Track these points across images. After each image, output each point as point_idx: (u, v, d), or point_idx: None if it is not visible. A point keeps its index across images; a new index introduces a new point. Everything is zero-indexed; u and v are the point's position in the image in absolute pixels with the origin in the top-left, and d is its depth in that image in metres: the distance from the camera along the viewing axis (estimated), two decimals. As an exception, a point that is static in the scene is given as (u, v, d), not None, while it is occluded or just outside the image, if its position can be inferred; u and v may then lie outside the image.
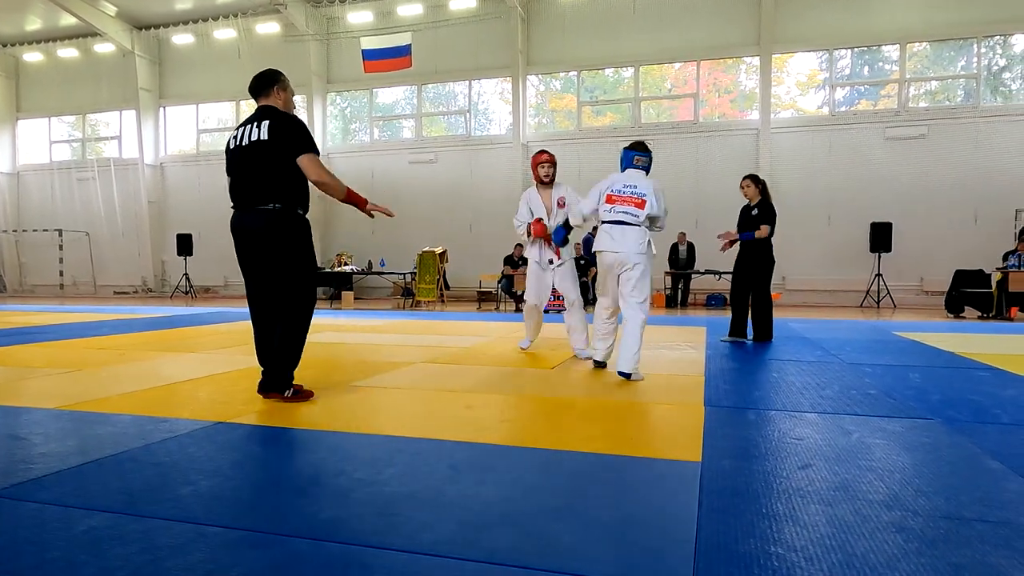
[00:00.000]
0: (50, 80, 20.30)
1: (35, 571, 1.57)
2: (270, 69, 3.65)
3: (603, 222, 4.38)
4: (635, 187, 4.32)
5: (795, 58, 15.35)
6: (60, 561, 1.62)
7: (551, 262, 5.35)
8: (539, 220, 5.25)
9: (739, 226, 6.51)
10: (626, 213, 4.27)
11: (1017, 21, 13.47)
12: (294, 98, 3.76)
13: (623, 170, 4.49)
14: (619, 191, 4.35)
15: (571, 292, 5.32)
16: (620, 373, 4.18)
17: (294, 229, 3.49)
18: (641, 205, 4.26)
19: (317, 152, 3.50)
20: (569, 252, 5.39)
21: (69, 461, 2.46)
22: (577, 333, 5.33)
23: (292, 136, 3.43)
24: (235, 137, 3.54)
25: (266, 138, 3.41)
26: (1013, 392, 3.91)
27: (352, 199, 3.68)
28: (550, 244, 5.29)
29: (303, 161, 3.44)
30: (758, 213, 6.31)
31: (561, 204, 5.29)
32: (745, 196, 6.48)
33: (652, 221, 4.42)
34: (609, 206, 4.34)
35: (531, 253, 5.46)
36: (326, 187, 3.55)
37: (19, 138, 21.21)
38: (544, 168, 5.31)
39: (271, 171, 3.43)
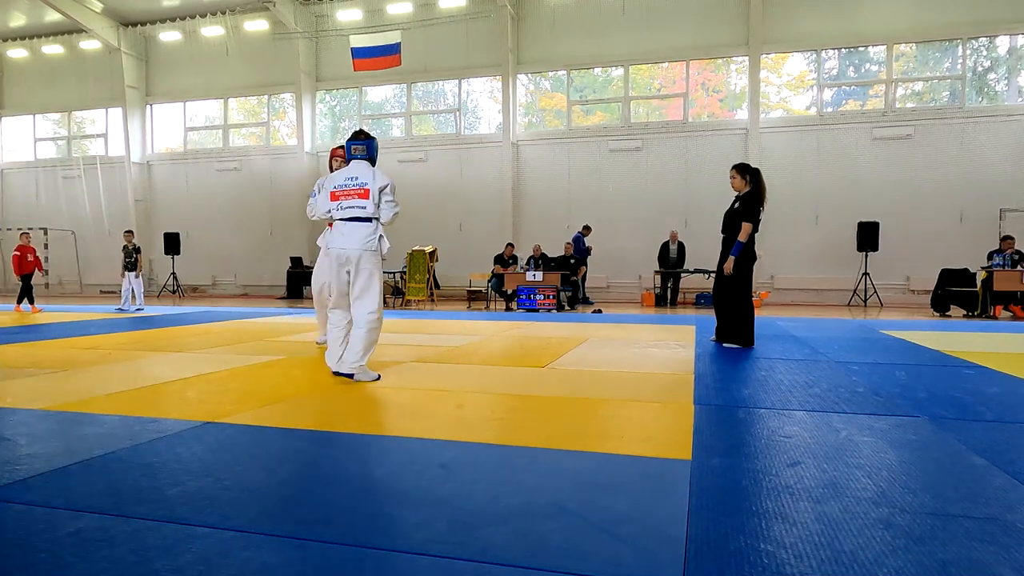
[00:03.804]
0: (35, 77, 20.08)
1: (22, 573, 1.55)
2: None
3: (336, 219, 4.24)
4: (355, 178, 4.21)
5: (784, 59, 15.45)
6: (47, 563, 1.60)
7: None
8: None
9: (723, 221, 6.01)
10: (353, 207, 4.16)
11: (1001, 23, 13.63)
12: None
13: (348, 162, 4.37)
14: (341, 186, 4.22)
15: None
16: (337, 374, 4.12)
17: None
18: (365, 195, 4.15)
19: None
20: None
21: (55, 462, 2.44)
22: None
23: None
24: None
25: None
26: (997, 389, 3.95)
27: None
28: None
29: None
30: (738, 207, 5.82)
31: None
32: (733, 188, 5.98)
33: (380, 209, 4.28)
34: (336, 203, 4.22)
35: (322, 241, 5.52)
36: None
37: (2, 136, 20.97)
38: (337, 162, 5.40)
39: None
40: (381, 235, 4.19)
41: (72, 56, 19.56)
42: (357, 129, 4.45)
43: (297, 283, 16.56)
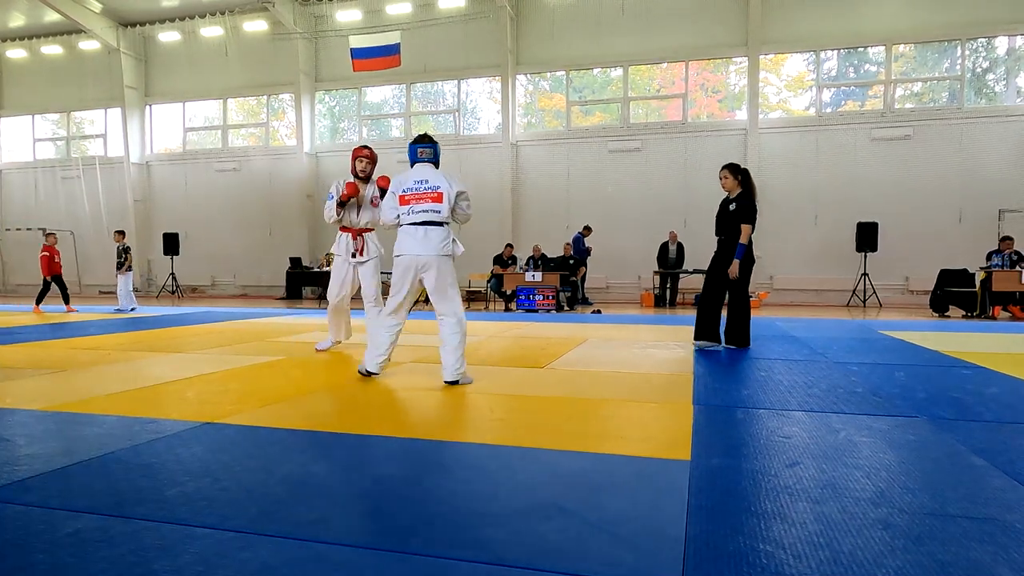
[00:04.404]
0: (34, 77, 20.07)
1: (21, 573, 1.55)
2: None
3: (407, 224, 4.09)
4: (426, 181, 4.05)
5: (783, 59, 15.46)
6: (46, 564, 1.60)
7: (354, 255, 5.31)
8: (351, 183, 5.18)
9: (717, 223, 5.93)
10: (426, 211, 4.00)
11: (1000, 23, 13.65)
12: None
13: (412, 166, 4.21)
14: (410, 189, 4.06)
15: (371, 289, 5.30)
16: (448, 383, 3.98)
17: None
18: (439, 199, 4.00)
19: None
20: (375, 250, 5.37)
21: (54, 463, 2.44)
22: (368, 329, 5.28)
23: None
24: None
25: None
26: (996, 390, 3.95)
27: None
28: (357, 236, 5.30)
29: None
30: (735, 209, 5.72)
31: (375, 203, 5.26)
32: (724, 189, 5.89)
33: (455, 211, 4.13)
34: (406, 207, 4.05)
35: (337, 248, 5.42)
36: None
37: (2, 136, 20.96)
38: (361, 163, 5.24)
39: None
40: (454, 238, 4.10)
41: (71, 56, 19.55)
42: (421, 133, 4.32)
43: (296, 284, 16.56)
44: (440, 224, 4.04)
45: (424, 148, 4.16)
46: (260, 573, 1.55)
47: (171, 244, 17.11)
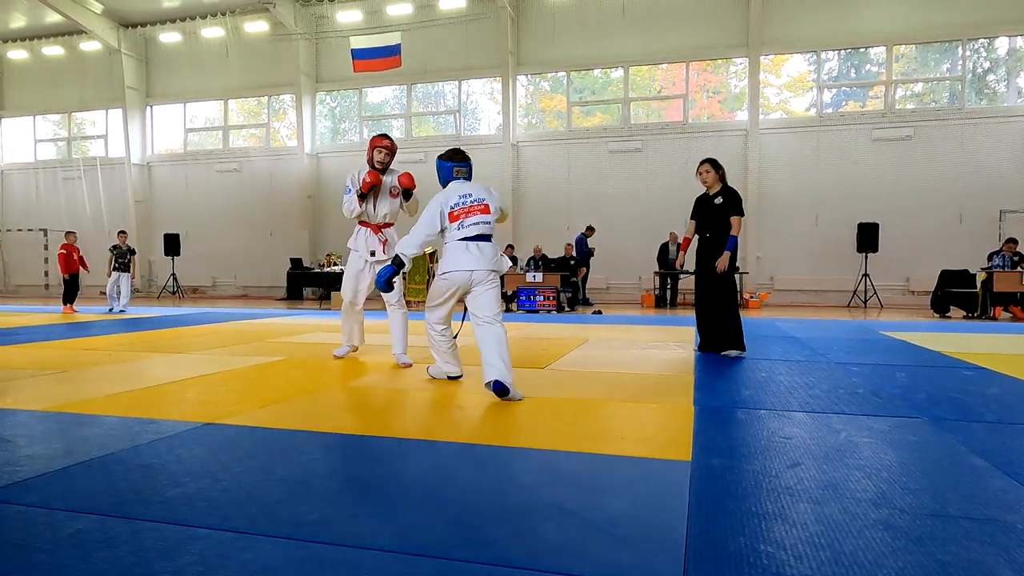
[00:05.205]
0: (35, 78, 20.10)
1: (21, 574, 1.55)
2: None
3: (457, 240, 3.92)
4: (470, 195, 3.95)
5: (783, 60, 15.47)
6: (46, 564, 1.60)
7: (372, 254, 5.00)
8: (372, 171, 4.87)
9: (698, 219, 5.67)
10: (478, 223, 3.90)
11: (1001, 24, 13.65)
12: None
13: (444, 184, 4.07)
14: (458, 204, 3.92)
15: (393, 292, 4.99)
16: (496, 384, 3.68)
17: None
18: (487, 210, 3.93)
19: None
20: (391, 253, 5.02)
21: (55, 463, 2.44)
22: (397, 337, 5.07)
23: None
24: None
25: None
26: (997, 390, 3.95)
27: None
28: (378, 232, 5.01)
29: None
30: (723, 203, 5.47)
31: (394, 194, 5.03)
32: (703, 183, 5.59)
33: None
34: (457, 222, 3.91)
35: (354, 243, 5.08)
36: None
37: (3, 137, 20.98)
38: (380, 153, 4.94)
39: None
40: (502, 254, 4.03)
41: (72, 57, 19.58)
42: (453, 149, 4.17)
43: (297, 284, 16.57)
44: (490, 238, 3.97)
45: (460, 167, 4.06)
46: (261, 574, 1.55)
47: (172, 244, 17.12)
